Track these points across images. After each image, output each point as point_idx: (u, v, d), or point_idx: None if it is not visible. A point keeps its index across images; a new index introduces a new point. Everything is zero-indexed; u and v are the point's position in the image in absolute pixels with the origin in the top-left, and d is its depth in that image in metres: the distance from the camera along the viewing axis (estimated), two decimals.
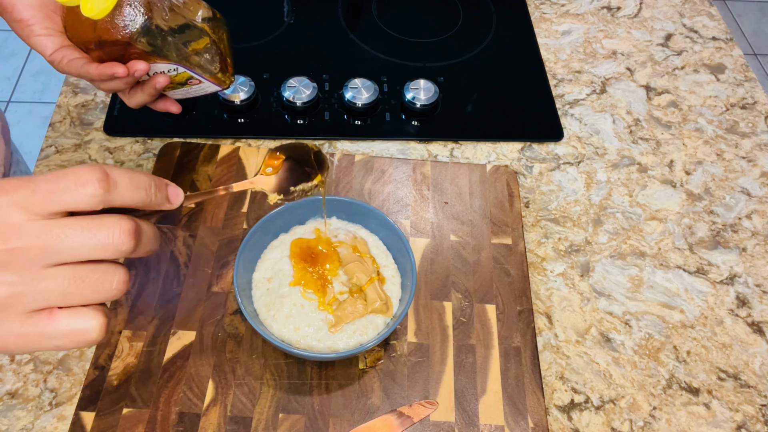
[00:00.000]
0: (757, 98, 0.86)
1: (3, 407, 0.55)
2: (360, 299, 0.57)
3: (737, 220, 0.74)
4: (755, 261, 0.70)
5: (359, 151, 0.76)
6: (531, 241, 0.70)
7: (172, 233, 0.65)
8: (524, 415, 0.57)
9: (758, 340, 0.65)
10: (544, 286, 0.67)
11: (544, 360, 0.62)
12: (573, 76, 0.87)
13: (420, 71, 0.85)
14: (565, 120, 0.82)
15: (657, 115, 0.83)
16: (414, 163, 0.74)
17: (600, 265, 0.69)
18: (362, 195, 0.71)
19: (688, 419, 0.59)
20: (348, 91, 0.78)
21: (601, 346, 0.63)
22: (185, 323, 0.60)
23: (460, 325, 0.62)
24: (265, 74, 0.82)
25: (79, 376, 0.57)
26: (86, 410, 0.55)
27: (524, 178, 0.75)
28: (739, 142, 0.81)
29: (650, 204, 0.74)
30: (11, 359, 0.58)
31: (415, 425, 0.56)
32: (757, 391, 0.61)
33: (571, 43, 0.91)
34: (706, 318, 0.66)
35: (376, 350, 0.60)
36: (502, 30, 0.92)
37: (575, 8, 0.96)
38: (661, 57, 0.90)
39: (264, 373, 0.58)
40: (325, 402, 0.57)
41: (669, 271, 0.69)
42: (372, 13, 0.93)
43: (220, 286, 0.63)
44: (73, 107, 0.78)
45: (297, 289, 0.57)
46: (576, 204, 0.74)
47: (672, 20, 0.96)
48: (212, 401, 0.56)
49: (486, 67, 0.87)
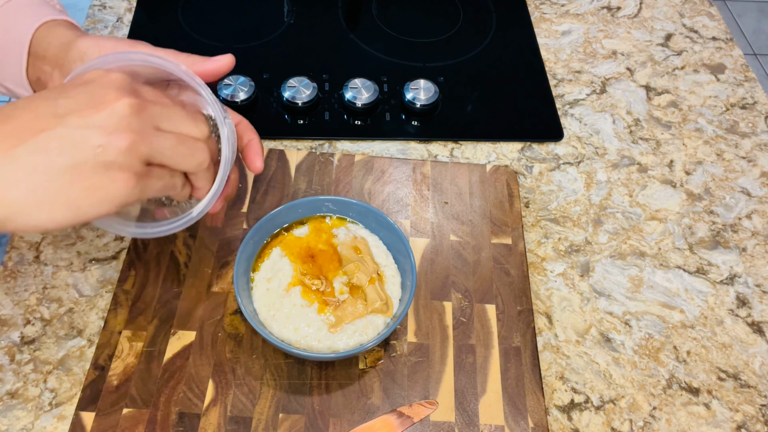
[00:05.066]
0: (757, 98, 0.86)
1: (3, 407, 0.55)
2: (360, 299, 0.57)
3: (737, 220, 0.74)
4: (755, 261, 0.70)
5: (359, 151, 0.76)
6: (531, 241, 0.70)
7: (172, 233, 0.65)
8: (524, 415, 0.57)
9: (758, 340, 0.65)
10: (544, 286, 0.67)
11: (544, 360, 0.62)
12: (573, 76, 0.87)
13: (420, 71, 0.85)
14: (565, 120, 0.82)
15: (657, 115, 0.83)
16: (414, 163, 0.74)
17: (600, 265, 0.69)
18: (362, 195, 0.71)
19: (688, 419, 0.59)
20: (348, 91, 0.78)
21: (601, 346, 0.63)
22: (185, 323, 0.60)
23: (460, 325, 0.62)
24: (265, 74, 0.82)
25: (79, 376, 0.57)
26: (86, 410, 0.55)
27: (524, 178, 0.75)
28: (739, 142, 0.81)
29: (650, 204, 0.74)
30: (11, 359, 0.58)
31: (415, 425, 0.56)
32: (757, 391, 0.61)
33: (571, 43, 0.91)
34: (706, 318, 0.66)
35: (376, 350, 0.60)
36: (502, 30, 0.92)
37: (575, 8, 0.96)
38: (661, 57, 0.90)
39: (264, 373, 0.58)
40: (325, 402, 0.57)
41: (669, 271, 0.69)
42: (372, 13, 0.93)
43: (220, 286, 0.63)
44: None
45: (297, 289, 0.57)
46: (576, 204, 0.74)
47: (672, 20, 0.96)
48: (212, 401, 0.56)
49: (486, 67, 0.87)
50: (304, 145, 0.76)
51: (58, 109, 0.38)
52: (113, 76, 0.40)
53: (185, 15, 0.89)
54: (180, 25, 0.88)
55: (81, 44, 0.50)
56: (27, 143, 0.37)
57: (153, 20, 0.88)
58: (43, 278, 0.63)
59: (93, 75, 0.41)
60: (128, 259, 0.63)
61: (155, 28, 0.88)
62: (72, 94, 0.39)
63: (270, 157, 0.73)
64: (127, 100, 0.39)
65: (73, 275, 0.63)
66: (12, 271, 0.63)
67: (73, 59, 0.49)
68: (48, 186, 0.38)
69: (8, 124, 0.38)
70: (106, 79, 0.40)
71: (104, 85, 0.40)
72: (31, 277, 0.63)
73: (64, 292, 0.62)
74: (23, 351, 0.58)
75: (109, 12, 0.89)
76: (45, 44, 0.51)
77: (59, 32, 0.51)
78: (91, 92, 0.39)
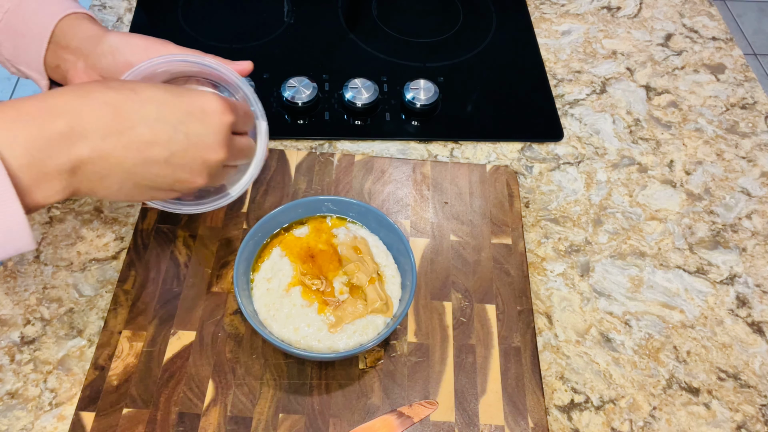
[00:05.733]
0: (757, 98, 0.86)
1: (3, 407, 0.55)
2: (360, 299, 0.57)
3: (737, 220, 0.74)
4: (755, 261, 0.70)
5: (359, 151, 0.76)
6: (531, 241, 0.70)
7: (172, 233, 0.65)
8: (524, 415, 0.57)
9: (758, 340, 0.65)
10: (544, 286, 0.67)
11: (544, 360, 0.62)
12: (573, 76, 0.87)
13: (420, 71, 0.85)
14: (565, 120, 0.82)
15: (657, 115, 0.83)
16: (414, 163, 0.74)
17: (600, 265, 0.69)
18: (362, 195, 0.71)
19: (688, 419, 0.59)
20: (348, 91, 0.78)
21: (601, 346, 0.63)
22: (185, 323, 0.60)
23: (460, 325, 0.62)
24: (265, 74, 0.82)
25: (79, 376, 0.57)
26: (86, 410, 0.55)
27: (524, 178, 0.75)
28: (739, 142, 0.81)
29: (650, 204, 0.74)
30: (11, 359, 0.58)
31: (415, 425, 0.56)
32: (757, 391, 0.61)
33: (571, 43, 0.91)
34: (706, 318, 0.66)
35: (376, 350, 0.60)
36: (502, 30, 0.92)
37: (575, 8, 0.96)
38: (661, 57, 0.90)
39: (264, 373, 0.58)
40: (325, 402, 0.57)
41: (669, 271, 0.69)
42: (372, 13, 0.93)
43: (220, 286, 0.63)
44: None
45: (297, 289, 0.57)
46: (576, 204, 0.74)
47: (672, 20, 0.96)
48: (212, 401, 0.56)
49: (486, 67, 0.87)
50: (304, 145, 0.76)
51: (172, 145, 0.43)
52: (225, 120, 0.46)
53: (185, 15, 0.89)
54: (180, 25, 0.88)
55: (111, 39, 0.52)
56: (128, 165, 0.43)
57: (153, 20, 0.88)
58: (43, 278, 0.63)
59: (211, 106, 0.45)
60: (128, 259, 0.63)
61: (155, 28, 0.88)
62: (187, 130, 0.44)
63: (270, 157, 0.73)
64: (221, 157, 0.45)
65: (73, 275, 0.63)
66: (12, 271, 0.63)
67: (102, 53, 0.52)
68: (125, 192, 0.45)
69: (125, 137, 0.42)
70: (218, 124, 0.45)
71: (215, 131, 0.45)
72: (31, 277, 0.63)
73: (64, 292, 0.62)
74: (23, 351, 0.58)
75: (109, 12, 0.89)
76: (70, 35, 0.53)
77: (85, 26, 0.54)
78: (202, 139, 0.45)
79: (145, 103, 0.43)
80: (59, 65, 0.54)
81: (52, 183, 0.40)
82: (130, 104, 0.42)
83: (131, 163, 0.42)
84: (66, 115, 0.40)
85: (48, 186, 0.40)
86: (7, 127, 0.38)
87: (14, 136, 0.38)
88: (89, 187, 0.42)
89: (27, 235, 0.40)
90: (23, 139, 0.38)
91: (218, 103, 0.45)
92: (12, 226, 0.38)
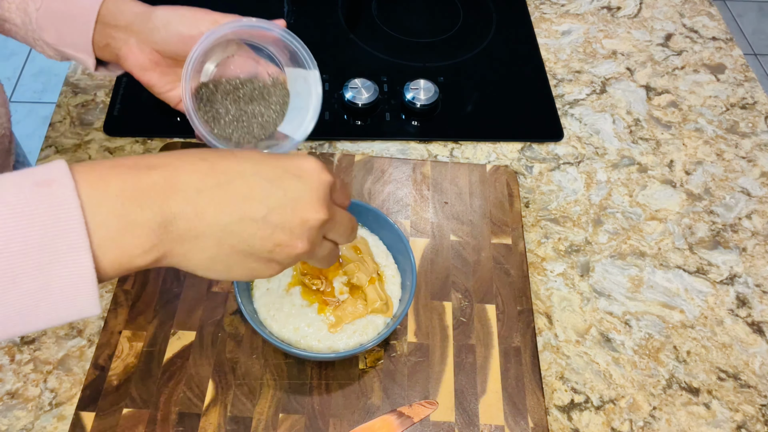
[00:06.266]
0: (757, 98, 0.86)
1: (3, 407, 0.55)
2: (360, 299, 0.57)
3: (737, 220, 0.74)
4: (755, 261, 0.70)
5: (359, 151, 0.76)
6: (531, 241, 0.70)
7: None
8: (524, 415, 0.57)
9: (758, 340, 0.65)
10: (544, 286, 0.67)
11: (544, 360, 0.62)
12: (573, 76, 0.87)
13: (420, 71, 0.85)
14: (565, 120, 0.82)
15: (657, 115, 0.83)
16: (414, 163, 0.74)
17: (600, 265, 0.69)
18: (362, 195, 0.71)
19: (688, 419, 0.59)
20: (348, 91, 0.78)
21: (601, 346, 0.63)
22: (185, 323, 0.60)
23: (460, 325, 0.62)
24: None
25: (79, 376, 0.57)
26: (86, 410, 0.55)
27: (524, 178, 0.75)
28: (739, 142, 0.81)
29: (650, 204, 0.74)
30: (11, 359, 0.58)
31: (415, 425, 0.56)
32: (757, 391, 0.61)
33: (571, 43, 0.91)
34: (706, 318, 0.66)
35: (376, 350, 0.60)
36: (502, 30, 0.92)
37: (575, 8, 0.96)
38: (661, 57, 0.90)
39: (264, 373, 0.58)
40: (325, 402, 0.57)
41: (669, 271, 0.69)
42: (372, 13, 0.93)
43: (220, 286, 0.63)
44: (73, 107, 0.78)
45: (297, 289, 0.57)
46: (576, 204, 0.74)
47: (672, 20, 0.96)
48: (212, 401, 0.56)
49: (486, 67, 0.87)
50: (304, 145, 0.76)
51: (270, 201, 0.41)
52: (324, 179, 0.43)
53: None
54: None
55: (161, 13, 0.53)
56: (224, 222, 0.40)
57: None
58: None
59: (308, 165, 0.43)
60: None
61: None
62: (285, 186, 0.41)
63: None
64: (321, 217, 0.42)
65: None
66: None
67: (155, 27, 0.53)
68: (221, 260, 0.41)
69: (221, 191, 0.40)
70: (317, 182, 0.42)
71: (314, 188, 0.42)
72: None
73: None
74: (23, 351, 0.58)
75: None
76: (117, 13, 0.54)
77: (130, 3, 0.55)
78: (300, 196, 0.42)
79: (242, 160, 0.41)
80: (109, 43, 0.55)
81: (140, 238, 0.37)
82: (227, 162, 0.41)
83: (227, 221, 0.40)
84: (162, 168, 0.39)
85: (134, 242, 0.37)
86: (101, 176, 0.36)
87: (107, 183, 0.36)
88: (181, 251, 0.39)
89: (91, 296, 0.35)
90: (116, 187, 0.36)
91: (317, 163, 0.43)
92: (78, 282, 0.34)
